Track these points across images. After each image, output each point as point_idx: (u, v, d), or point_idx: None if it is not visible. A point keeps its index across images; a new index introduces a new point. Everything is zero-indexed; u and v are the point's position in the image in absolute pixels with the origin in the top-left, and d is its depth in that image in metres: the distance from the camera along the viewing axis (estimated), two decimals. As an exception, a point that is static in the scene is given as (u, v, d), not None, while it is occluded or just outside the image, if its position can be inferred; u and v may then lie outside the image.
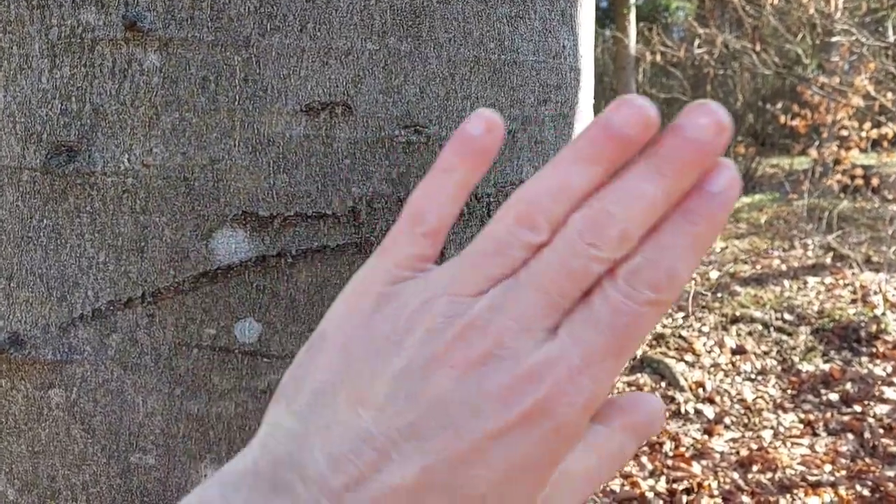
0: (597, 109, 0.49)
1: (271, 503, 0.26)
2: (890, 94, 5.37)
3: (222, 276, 0.41)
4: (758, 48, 6.70)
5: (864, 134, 5.89)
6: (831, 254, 5.81)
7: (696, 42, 7.68)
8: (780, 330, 4.73)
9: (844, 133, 6.06)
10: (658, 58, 7.94)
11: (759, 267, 5.96)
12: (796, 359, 4.39)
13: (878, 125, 5.79)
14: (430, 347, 0.27)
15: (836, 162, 6.51)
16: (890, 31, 5.18)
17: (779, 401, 4.02)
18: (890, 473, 3.23)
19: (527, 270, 0.27)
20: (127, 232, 0.42)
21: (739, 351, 4.59)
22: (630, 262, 0.27)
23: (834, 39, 5.32)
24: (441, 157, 0.30)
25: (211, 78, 0.40)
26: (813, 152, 6.88)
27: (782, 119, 6.82)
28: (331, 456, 0.26)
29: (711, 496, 3.20)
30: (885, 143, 5.99)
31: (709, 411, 3.99)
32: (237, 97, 0.40)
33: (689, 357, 4.59)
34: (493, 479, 0.26)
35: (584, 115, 0.54)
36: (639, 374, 4.40)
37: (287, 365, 0.42)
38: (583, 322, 0.27)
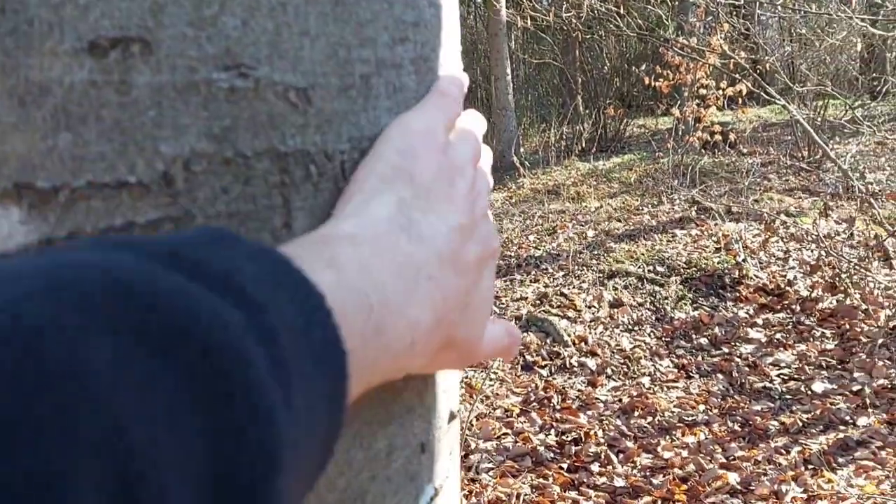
0: (472, 78, 0.47)
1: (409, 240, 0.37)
2: (743, 53, 5.68)
3: (-5, 268, 0.32)
4: (622, 11, 6.91)
5: (721, 92, 6.22)
6: (696, 207, 6.14)
7: (564, 6, 7.81)
8: (652, 282, 4.96)
9: (704, 92, 6.38)
10: (529, 23, 8.03)
11: (631, 223, 6.21)
12: (669, 308, 4.62)
13: (733, 83, 6.13)
14: (472, 191, 0.41)
15: (697, 120, 6.86)
16: (740, -7, 5.47)
17: (654, 348, 4.23)
18: (757, 408, 3.47)
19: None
20: None
21: (617, 304, 4.78)
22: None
23: (691, 0, 5.55)
24: (447, 80, 0.46)
25: (-48, 8, 0.30)
26: (675, 111, 7.21)
27: (647, 80, 7.09)
28: (448, 226, 0.38)
29: (598, 444, 3.32)
30: (740, 100, 6.36)
31: (592, 363, 4.14)
32: (-8, 33, 0.30)
33: (571, 313, 4.73)
34: (489, 279, 0.43)
35: (449, 60, 0.48)
36: (525, 333, 4.49)
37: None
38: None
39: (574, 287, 5.05)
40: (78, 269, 0.23)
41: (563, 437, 3.45)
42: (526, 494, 3.02)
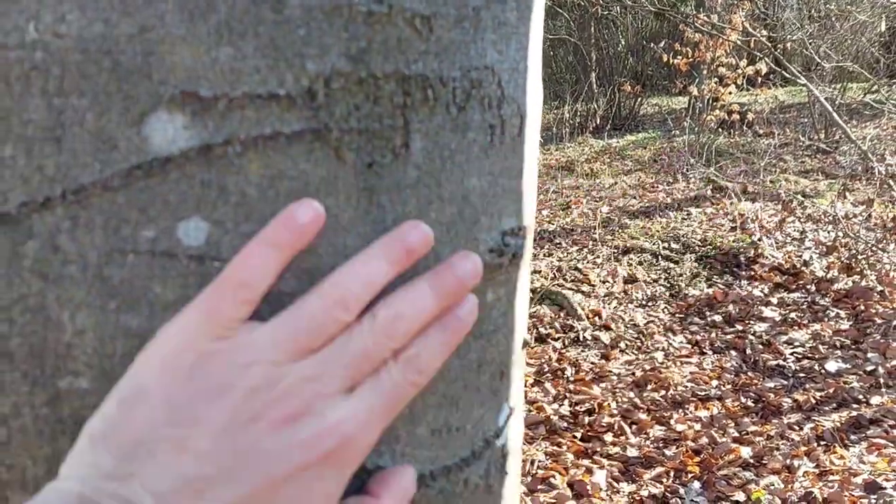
0: None
1: None
2: (764, 31, 5.64)
3: (159, 169, 0.36)
4: (642, -14, 6.85)
5: (740, 70, 6.19)
6: (711, 186, 6.14)
7: (583, -20, 7.74)
8: (667, 258, 4.99)
9: (723, 70, 6.34)
10: (547, -4, 7.95)
11: (646, 200, 6.22)
12: (683, 284, 4.65)
13: (752, 61, 6.09)
14: (251, 405, 0.34)
15: (715, 99, 6.83)
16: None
17: (668, 324, 4.26)
18: (770, 385, 3.51)
19: (336, 347, 0.36)
20: (39, 119, 0.35)
21: (631, 280, 4.82)
22: (408, 352, 0.38)
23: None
24: (269, 230, 0.36)
25: (134, -74, 0.33)
26: (693, 90, 7.17)
27: (664, 58, 7.05)
28: (156, 494, 0.32)
29: (611, 415, 3.37)
30: (759, 80, 6.33)
31: (605, 337, 4.18)
32: (168, -49, 0.33)
33: (585, 288, 4.77)
34: (299, 498, 0.35)
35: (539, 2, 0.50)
36: (539, 306, 4.54)
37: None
38: (370, 390, 0.37)
39: (588, 262, 5.08)
40: None
41: (577, 408, 3.50)
42: (540, 461, 3.08)
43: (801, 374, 3.63)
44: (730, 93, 6.50)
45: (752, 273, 4.65)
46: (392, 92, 0.40)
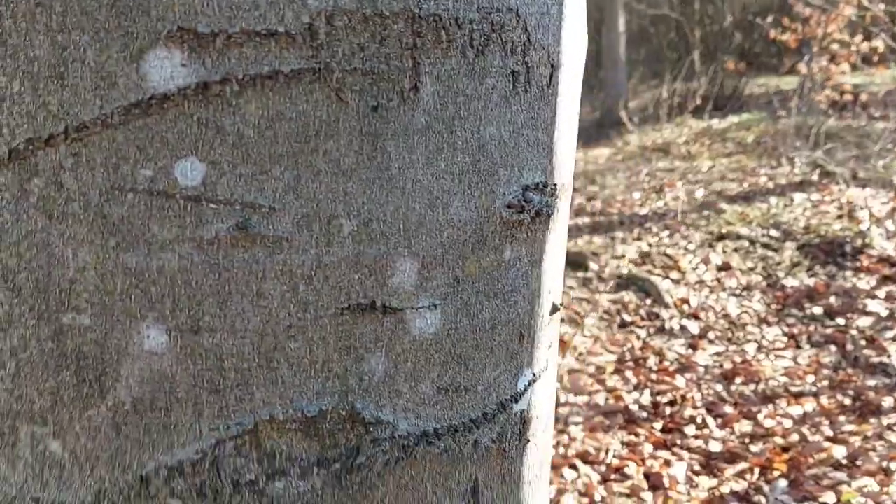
0: (589, 27, 0.43)
1: None
2: (882, 5, 5.23)
3: (157, 107, 0.35)
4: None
5: (854, 48, 5.77)
6: (818, 170, 5.78)
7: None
8: (765, 246, 4.74)
9: (835, 47, 5.93)
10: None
11: (746, 185, 5.93)
12: (781, 274, 4.41)
13: (868, 38, 5.66)
14: None
15: (826, 78, 6.41)
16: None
17: (763, 315, 4.06)
18: (871, 383, 3.29)
19: None
20: (43, 55, 0.35)
21: (725, 267, 4.61)
22: None
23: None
24: None
25: None
26: (802, 68, 6.75)
27: (772, 34, 6.66)
28: None
29: (695, 407, 3.25)
30: (876, 58, 5.88)
31: (693, 327, 4.03)
32: None
33: (674, 274, 4.61)
34: None
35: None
36: (624, 292, 4.42)
37: (236, 212, 0.37)
38: None
39: (679, 247, 4.90)
40: None
41: (658, 399, 3.40)
42: (616, 450, 3.01)
43: (908, 374, 3.38)
44: (842, 72, 6.08)
45: (858, 264, 4.36)
46: (401, 32, 0.38)
